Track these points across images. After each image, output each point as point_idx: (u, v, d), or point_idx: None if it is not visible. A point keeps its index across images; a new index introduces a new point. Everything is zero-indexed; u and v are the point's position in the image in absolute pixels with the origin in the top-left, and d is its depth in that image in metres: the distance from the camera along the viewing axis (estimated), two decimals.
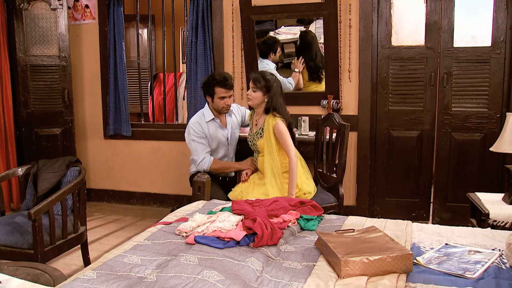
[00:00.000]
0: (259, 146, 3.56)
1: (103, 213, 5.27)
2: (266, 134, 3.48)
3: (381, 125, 4.68)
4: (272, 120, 3.47)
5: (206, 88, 3.85)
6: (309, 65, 4.85)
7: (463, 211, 4.28)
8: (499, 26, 4.28)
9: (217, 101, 3.80)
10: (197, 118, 3.92)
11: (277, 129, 3.44)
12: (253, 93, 3.51)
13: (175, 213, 2.70)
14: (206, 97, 3.89)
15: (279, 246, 2.15)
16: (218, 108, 3.84)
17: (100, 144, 5.64)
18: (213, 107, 3.88)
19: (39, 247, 2.89)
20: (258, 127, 3.59)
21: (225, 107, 3.86)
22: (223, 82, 3.76)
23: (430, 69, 4.50)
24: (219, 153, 3.98)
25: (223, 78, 3.78)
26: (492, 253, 2.10)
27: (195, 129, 3.84)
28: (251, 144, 3.67)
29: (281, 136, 3.45)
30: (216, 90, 3.77)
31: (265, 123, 3.51)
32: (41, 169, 3.45)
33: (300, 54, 4.85)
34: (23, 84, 5.23)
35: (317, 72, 4.82)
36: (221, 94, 3.78)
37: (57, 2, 5.12)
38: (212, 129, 3.89)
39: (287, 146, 3.46)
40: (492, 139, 4.04)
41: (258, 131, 3.58)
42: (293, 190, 3.42)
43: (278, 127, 3.44)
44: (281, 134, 3.45)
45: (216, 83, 3.75)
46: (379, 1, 4.53)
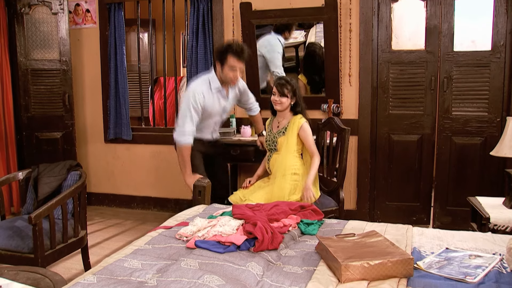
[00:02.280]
0: (278, 143, 3.63)
1: (104, 217, 5.26)
2: (289, 132, 3.60)
3: (382, 129, 4.69)
4: (298, 120, 3.60)
5: (219, 54, 3.66)
6: (314, 78, 4.88)
7: (463, 215, 4.28)
8: (499, 30, 4.29)
9: (227, 71, 3.64)
10: (203, 87, 3.73)
11: (303, 130, 3.58)
12: (281, 98, 3.58)
13: (175, 217, 2.70)
14: (216, 63, 3.71)
15: (280, 250, 2.15)
16: (226, 78, 3.69)
17: (101, 148, 5.64)
18: (220, 76, 3.71)
19: (39, 251, 2.88)
20: (281, 127, 3.67)
21: (233, 79, 3.70)
22: (239, 52, 3.59)
23: (430, 73, 4.51)
24: (209, 119, 3.87)
25: (240, 48, 3.61)
26: (493, 257, 2.10)
27: (197, 99, 3.66)
28: (270, 143, 3.71)
29: (307, 136, 3.60)
30: (229, 59, 3.60)
31: (290, 123, 3.62)
32: (42, 173, 3.45)
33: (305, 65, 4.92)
34: (24, 88, 5.24)
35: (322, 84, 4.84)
36: (233, 63, 3.61)
37: (58, 6, 5.13)
38: (215, 99, 3.77)
39: (312, 146, 3.62)
40: (492, 143, 4.04)
41: (280, 130, 3.65)
42: (310, 180, 3.52)
43: (305, 128, 3.59)
44: (307, 135, 3.59)
45: (231, 51, 3.58)
46: (379, 5, 4.54)
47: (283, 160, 3.59)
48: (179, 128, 3.69)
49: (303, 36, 4.94)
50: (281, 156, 3.61)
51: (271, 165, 3.69)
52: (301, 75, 4.96)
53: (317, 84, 4.88)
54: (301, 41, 4.94)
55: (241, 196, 3.61)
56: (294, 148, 3.61)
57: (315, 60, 4.85)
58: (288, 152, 3.60)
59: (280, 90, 3.58)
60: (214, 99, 3.75)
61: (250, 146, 4.40)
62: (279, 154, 3.63)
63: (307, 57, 4.94)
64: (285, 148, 3.60)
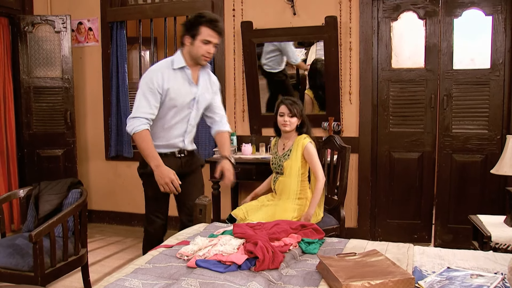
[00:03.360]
0: (284, 167, 3.54)
1: (104, 234, 5.25)
2: (294, 155, 3.51)
3: (382, 147, 4.70)
4: (302, 141, 3.51)
5: (188, 25, 3.04)
6: (319, 94, 4.90)
7: (465, 233, 4.27)
8: (497, 49, 4.32)
9: (199, 44, 3.01)
10: (161, 65, 3.13)
11: (308, 150, 3.49)
12: (291, 118, 3.50)
13: (176, 236, 2.70)
14: (184, 38, 3.07)
15: (281, 269, 2.14)
16: (197, 54, 3.05)
17: (102, 166, 5.65)
18: (190, 53, 3.07)
19: (39, 270, 2.87)
20: (286, 149, 3.59)
21: (206, 56, 3.08)
22: (213, 23, 3.01)
23: (430, 91, 4.53)
24: (179, 115, 3.17)
25: (213, 17, 3.04)
26: (495, 277, 2.09)
27: (153, 78, 3.03)
28: (275, 166, 3.63)
29: (311, 157, 3.49)
30: (202, 30, 2.99)
31: (294, 144, 3.54)
32: (43, 190, 3.45)
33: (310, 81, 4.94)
34: (26, 106, 5.27)
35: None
36: (207, 36, 3.00)
37: (61, 25, 5.19)
38: (178, 81, 3.10)
39: (316, 167, 3.50)
40: (493, 160, 4.05)
41: (285, 153, 3.57)
42: (312, 210, 3.44)
43: (309, 148, 3.49)
44: (311, 156, 3.49)
45: (204, 22, 2.99)
46: (379, 24, 4.59)
47: (289, 184, 3.52)
48: (131, 115, 3.05)
49: (303, 54, 4.98)
50: (287, 179, 3.53)
51: (277, 187, 3.62)
52: (308, 90, 4.98)
53: (322, 99, 4.88)
54: (302, 59, 4.98)
55: (244, 212, 3.57)
56: (300, 172, 3.52)
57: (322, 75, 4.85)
58: (293, 176, 3.51)
59: (290, 109, 3.49)
60: (178, 81, 3.09)
61: (251, 164, 4.40)
62: (285, 177, 3.55)
63: (312, 72, 4.95)
64: (290, 172, 3.51)
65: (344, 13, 4.60)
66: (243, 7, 4.90)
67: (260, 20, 4.79)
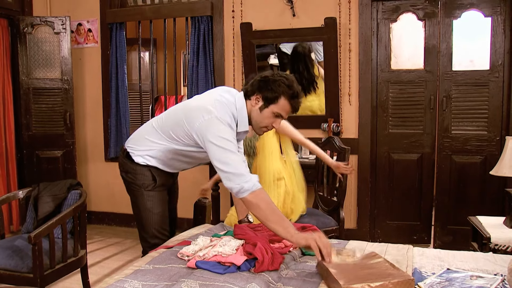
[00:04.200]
0: (257, 147, 3.47)
1: (104, 235, 5.25)
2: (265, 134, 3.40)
3: (381, 148, 4.70)
4: None
5: (268, 87, 2.43)
6: (303, 76, 4.85)
7: (464, 234, 4.27)
8: (497, 50, 4.33)
9: (268, 115, 2.47)
10: (228, 118, 2.45)
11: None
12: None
13: (176, 237, 2.69)
14: (255, 96, 2.47)
15: (280, 271, 2.14)
16: (259, 124, 2.52)
17: (101, 167, 5.65)
18: (251, 115, 2.52)
19: (38, 271, 2.87)
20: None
21: (266, 130, 2.58)
22: (296, 100, 2.47)
23: (429, 93, 4.54)
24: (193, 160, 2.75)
25: (299, 92, 2.48)
26: (494, 278, 2.09)
27: (227, 132, 2.39)
28: (247, 148, 3.52)
29: (285, 127, 3.44)
30: (281, 102, 2.43)
31: None
32: (42, 192, 3.45)
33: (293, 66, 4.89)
34: (25, 107, 5.26)
35: (312, 82, 4.84)
36: (282, 111, 2.47)
37: (60, 26, 5.19)
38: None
39: (294, 131, 3.48)
40: (492, 161, 4.05)
41: (254, 134, 3.41)
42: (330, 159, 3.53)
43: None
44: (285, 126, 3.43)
45: (290, 95, 2.43)
46: (378, 25, 4.59)
47: (265, 166, 3.42)
48: (241, 175, 2.31)
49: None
50: (262, 161, 3.43)
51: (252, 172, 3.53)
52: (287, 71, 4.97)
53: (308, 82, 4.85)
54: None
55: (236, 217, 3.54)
56: (274, 148, 3.44)
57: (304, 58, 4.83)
58: (268, 155, 3.41)
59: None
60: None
61: None
62: (260, 159, 3.45)
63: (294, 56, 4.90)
64: (268, 151, 3.40)
65: (344, 14, 4.61)
66: (242, 8, 4.90)
67: (260, 21, 4.79)
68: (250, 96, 2.49)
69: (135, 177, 2.72)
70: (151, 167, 2.69)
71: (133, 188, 2.75)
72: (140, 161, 2.69)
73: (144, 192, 2.71)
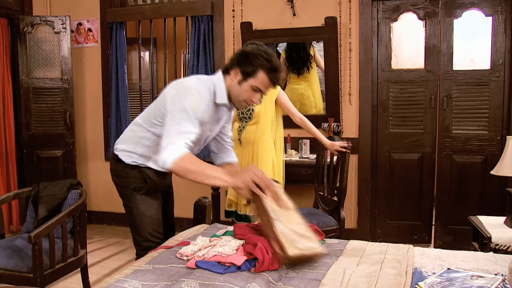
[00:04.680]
0: (255, 112, 3.49)
1: (104, 235, 5.24)
2: (266, 100, 3.49)
3: (382, 147, 4.69)
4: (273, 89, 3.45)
5: (246, 60, 2.44)
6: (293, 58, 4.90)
7: (465, 234, 4.26)
8: (497, 49, 4.32)
9: (247, 88, 2.45)
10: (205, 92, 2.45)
11: (282, 96, 3.53)
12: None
13: (176, 237, 2.69)
14: (233, 70, 2.47)
15: (281, 271, 2.13)
16: (238, 97, 2.50)
17: (101, 166, 5.64)
18: (231, 90, 2.50)
19: (38, 271, 2.86)
20: None
21: (246, 104, 2.56)
22: (275, 74, 2.44)
23: (430, 92, 4.53)
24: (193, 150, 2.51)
25: (278, 66, 2.46)
26: (495, 278, 2.08)
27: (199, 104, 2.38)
28: (244, 111, 3.49)
29: (287, 100, 3.56)
30: (259, 75, 2.42)
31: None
32: (42, 191, 3.44)
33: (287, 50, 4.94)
34: (25, 106, 5.26)
35: (306, 62, 4.85)
36: (261, 85, 2.45)
37: (60, 25, 5.18)
38: (212, 117, 2.55)
39: (293, 110, 3.59)
40: (493, 161, 4.04)
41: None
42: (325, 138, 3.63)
43: (283, 93, 3.55)
44: (287, 99, 3.56)
45: (268, 68, 2.41)
46: (379, 25, 4.58)
47: (263, 130, 3.47)
48: (166, 143, 2.29)
49: None
50: (260, 126, 3.48)
51: (244, 136, 3.52)
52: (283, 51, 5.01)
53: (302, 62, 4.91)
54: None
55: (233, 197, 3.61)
56: (272, 118, 3.51)
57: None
58: (266, 121, 3.47)
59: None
60: (212, 116, 2.55)
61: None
62: (257, 124, 3.49)
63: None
64: (264, 118, 3.47)
65: (344, 14, 4.60)
66: (242, 7, 4.89)
67: (260, 21, 4.79)
68: (229, 71, 2.49)
69: (127, 180, 2.67)
70: (141, 168, 2.63)
71: (126, 192, 2.70)
72: (129, 161, 2.64)
73: (136, 196, 2.65)
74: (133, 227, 2.75)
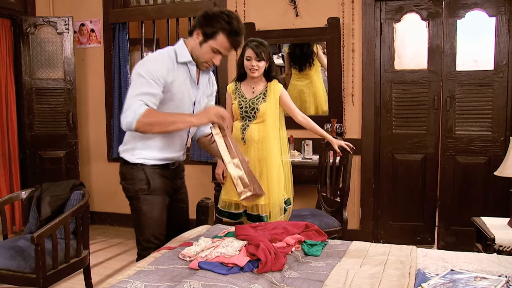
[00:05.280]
0: (260, 110, 3.38)
1: (106, 236, 5.25)
2: (271, 98, 3.40)
3: (385, 148, 4.68)
4: (277, 86, 3.45)
5: (207, 22, 2.49)
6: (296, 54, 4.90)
7: (468, 235, 4.24)
8: (501, 50, 4.31)
9: (207, 50, 2.51)
10: (162, 55, 2.54)
11: (284, 95, 3.47)
12: (259, 62, 3.33)
13: (178, 238, 2.69)
14: (196, 31, 2.54)
15: (283, 272, 2.13)
16: (199, 58, 2.55)
17: (104, 167, 5.64)
18: (193, 51, 2.56)
19: (41, 272, 2.86)
20: (257, 93, 3.45)
21: (207, 65, 2.60)
22: (235, 37, 2.50)
23: (433, 93, 4.52)
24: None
25: (239, 29, 2.50)
26: (499, 279, 2.08)
27: (154, 67, 2.42)
28: (247, 110, 3.41)
29: (289, 100, 3.50)
30: (219, 37, 2.47)
31: (267, 89, 3.44)
32: (45, 192, 3.44)
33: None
34: (28, 107, 5.26)
35: (309, 58, 4.84)
36: (220, 47, 2.50)
37: (63, 26, 5.19)
38: (181, 77, 2.54)
39: (295, 108, 3.53)
40: (496, 162, 4.03)
41: (258, 96, 3.43)
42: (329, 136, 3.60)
43: (285, 92, 3.48)
44: (289, 99, 3.50)
45: (227, 31, 2.47)
46: (382, 25, 4.58)
47: (268, 129, 3.40)
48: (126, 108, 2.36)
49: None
50: (265, 125, 3.40)
51: (248, 135, 3.41)
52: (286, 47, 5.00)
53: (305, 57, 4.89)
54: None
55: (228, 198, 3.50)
56: (277, 116, 3.44)
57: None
58: (271, 120, 3.40)
59: (257, 52, 3.28)
60: (180, 76, 2.54)
61: None
62: (262, 123, 3.41)
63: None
64: (268, 117, 3.38)
65: (347, 14, 4.59)
66: (245, 8, 4.89)
67: (263, 21, 4.78)
68: (192, 32, 2.56)
69: (133, 182, 2.64)
70: (145, 166, 2.61)
71: (131, 195, 2.68)
72: (134, 159, 2.62)
73: (140, 196, 2.63)
74: (136, 227, 2.75)
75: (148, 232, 2.68)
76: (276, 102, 3.42)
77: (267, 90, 3.44)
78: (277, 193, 3.42)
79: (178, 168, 2.80)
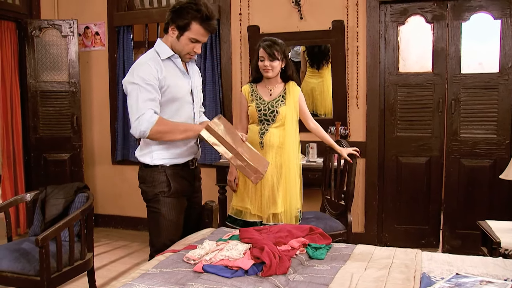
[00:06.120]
0: (280, 114, 3.26)
1: (110, 239, 5.25)
2: (290, 102, 3.28)
3: (389, 151, 4.67)
4: (296, 89, 3.35)
5: (178, 16, 2.59)
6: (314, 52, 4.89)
7: (473, 238, 4.23)
8: (506, 53, 4.29)
9: (185, 42, 2.60)
10: (146, 58, 2.60)
11: (301, 99, 3.39)
12: (273, 62, 3.23)
13: (183, 241, 2.68)
14: (170, 28, 2.64)
15: (288, 275, 2.12)
16: (181, 52, 2.64)
17: (108, 170, 5.65)
18: (173, 46, 2.64)
19: (45, 274, 2.87)
20: (275, 95, 3.34)
21: (191, 54, 2.67)
22: (208, 22, 2.57)
23: (438, 96, 4.51)
24: (183, 111, 2.70)
25: (209, 14, 2.57)
26: (505, 283, 2.06)
27: (144, 71, 2.51)
28: (267, 113, 3.29)
29: (305, 106, 3.43)
30: (193, 27, 2.56)
31: (286, 91, 3.33)
32: (49, 195, 3.45)
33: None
34: (33, 110, 5.28)
35: (325, 56, 4.82)
36: (197, 35, 2.58)
37: (68, 29, 5.21)
38: (170, 71, 2.63)
39: (309, 115, 3.48)
40: (501, 165, 4.01)
41: (277, 99, 3.31)
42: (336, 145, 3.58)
43: (302, 96, 3.40)
44: (304, 104, 3.43)
45: (199, 18, 2.54)
46: (386, 28, 4.57)
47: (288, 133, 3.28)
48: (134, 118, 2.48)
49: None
50: (286, 129, 3.27)
51: (267, 139, 3.29)
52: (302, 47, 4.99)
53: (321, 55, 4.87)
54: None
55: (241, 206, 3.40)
56: (296, 119, 3.32)
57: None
58: (291, 124, 3.28)
59: (269, 53, 3.21)
60: (170, 71, 2.62)
61: None
62: (281, 127, 3.28)
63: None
64: (290, 120, 3.27)
65: (351, 17, 4.59)
66: (249, 11, 4.90)
67: (267, 24, 4.78)
68: (168, 30, 2.66)
69: (153, 185, 2.67)
70: (166, 168, 2.66)
71: (150, 197, 2.70)
72: (153, 161, 2.65)
73: (160, 199, 2.66)
74: (152, 229, 2.76)
75: (165, 235, 2.70)
76: (295, 104, 3.32)
77: (285, 92, 3.35)
78: (294, 201, 3.34)
79: (197, 169, 2.87)
